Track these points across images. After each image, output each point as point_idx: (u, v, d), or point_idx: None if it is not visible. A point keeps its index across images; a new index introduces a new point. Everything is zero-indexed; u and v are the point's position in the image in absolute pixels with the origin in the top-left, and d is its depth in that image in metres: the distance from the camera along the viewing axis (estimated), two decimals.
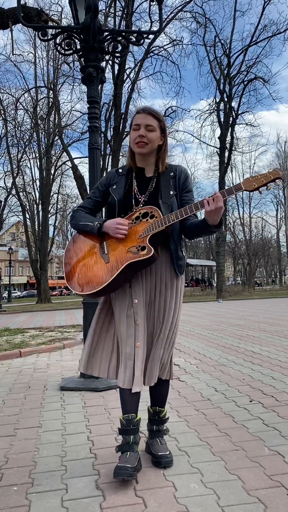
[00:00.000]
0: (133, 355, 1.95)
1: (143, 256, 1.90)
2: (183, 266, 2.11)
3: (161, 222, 1.93)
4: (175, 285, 2.10)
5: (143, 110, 2.06)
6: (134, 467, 1.88)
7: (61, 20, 16.40)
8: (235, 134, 23.35)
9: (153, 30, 13.09)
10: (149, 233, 1.94)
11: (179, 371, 4.17)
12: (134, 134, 2.03)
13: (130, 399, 1.98)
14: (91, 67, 3.92)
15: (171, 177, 2.10)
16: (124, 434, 1.99)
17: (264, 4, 20.64)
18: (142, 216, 2.01)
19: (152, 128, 2.03)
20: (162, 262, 2.04)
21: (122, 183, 2.12)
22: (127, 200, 2.08)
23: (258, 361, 4.51)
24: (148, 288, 2.05)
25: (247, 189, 1.84)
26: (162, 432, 2.19)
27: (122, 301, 2.03)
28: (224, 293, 22.57)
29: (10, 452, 2.33)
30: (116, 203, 2.08)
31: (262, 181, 1.82)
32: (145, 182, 2.11)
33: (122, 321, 2.01)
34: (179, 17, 19.42)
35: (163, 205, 2.01)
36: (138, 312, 1.99)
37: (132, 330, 1.98)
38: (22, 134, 26.08)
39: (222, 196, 1.84)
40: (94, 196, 2.20)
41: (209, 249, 53.41)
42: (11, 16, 6.60)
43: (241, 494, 1.75)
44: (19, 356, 5.53)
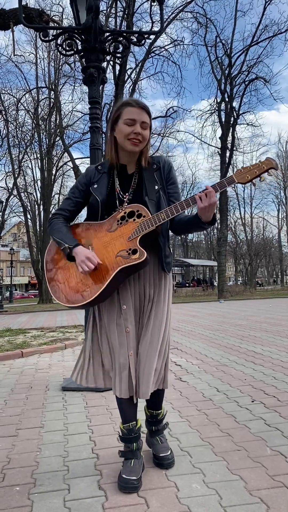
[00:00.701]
0: (127, 364, 1.88)
1: (135, 261, 1.76)
2: (171, 263, 1.99)
3: (150, 222, 1.79)
4: (163, 285, 1.99)
5: (136, 104, 1.89)
6: (139, 478, 1.86)
7: (62, 20, 16.44)
8: (236, 134, 23.38)
9: (154, 30, 13.10)
10: (139, 234, 1.80)
11: (180, 371, 4.17)
12: (128, 129, 1.86)
13: (128, 408, 1.97)
14: (92, 67, 3.92)
15: (154, 170, 1.96)
16: (127, 442, 1.98)
17: (265, 4, 20.69)
18: (128, 215, 1.85)
19: (146, 125, 1.90)
20: (149, 261, 1.89)
21: (104, 182, 1.96)
22: (110, 200, 1.94)
23: (259, 361, 4.50)
24: (137, 291, 1.94)
25: (240, 182, 1.73)
26: (161, 429, 2.17)
27: (110, 308, 1.93)
28: (225, 293, 22.57)
29: (13, 452, 2.33)
30: (99, 204, 1.92)
31: (255, 172, 1.72)
32: (127, 180, 1.97)
33: (112, 330, 1.92)
34: (180, 17, 19.49)
35: (150, 202, 1.88)
36: (127, 318, 1.90)
37: (124, 338, 1.89)
38: (24, 134, 26.20)
39: (214, 191, 1.74)
40: (73, 196, 2.02)
41: (210, 249, 53.40)
42: (13, 17, 6.62)
43: (243, 495, 1.75)
44: (21, 357, 5.54)
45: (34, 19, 6.65)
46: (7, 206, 27.87)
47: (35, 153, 27.51)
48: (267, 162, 1.72)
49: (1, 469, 2.13)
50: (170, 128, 24.99)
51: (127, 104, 1.90)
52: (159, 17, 4.52)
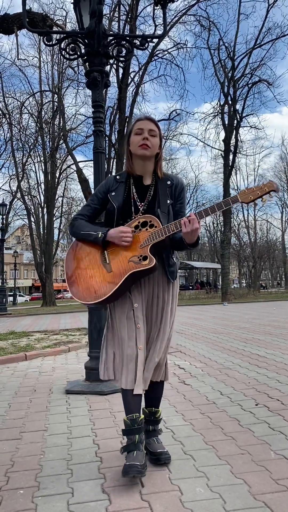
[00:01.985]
0: (135, 357, 1.99)
1: (145, 266, 1.95)
2: (175, 272, 2.15)
3: (161, 232, 1.97)
4: (170, 290, 2.15)
5: (144, 117, 2.13)
6: (142, 465, 1.90)
7: (66, 24, 16.49)
8: (239, 136, 23.37)
9: (157, 34, 13.11)
10: (150, 242, 1.98)
11: (184, 375, 4.17)
12: (137, 138, 2.07)
13: (133, 399, 2.02)
14: (95, 71, 3.94)
15: (168, 186, 2.14)
16: (129, 434, 2.01)
17: (268, 7, 20.70)
18: (141, 225, 2.04)
19: (154, 133, 2.09)
20: (158, 269, 2.07)
21: (121, 190, 2.14)
22: (126, 207, 2.11)
23: (263, 364, 4.49)
24: (146, 293, 2.09)
25: (244, 201, 1.91)
26: (157, 432, 2.23)
27: (123, 305, 2.07)
28: (229, 296, 22.51)
29: (16, 456, 2.33)
30: (115, 210, 2.10)
31: (257, 193, 1.89)
32: (143, 190, 2.14)
33: (122, 324, 2.05)
34: (183, 20, 19.48)
35: (162, 214, 2.06)
36: (138, 315, 2.03)
37: (133, 333, 2.01)
38: (27, 138, 26.26)
39: (197, 219, 1.91)
40: (92, 203, 2.21)
41: (214, 252, 53.35)
42: (16, 21, 6.65)
43: (247, 498, 1.74)
44: (25, 359, 5.55)
45: (38, 24, 6.69)
46: (11, 209, 27.95)
47: (38, 156, 27.57)
48: (269, 185, 1.90)
49: (5, 472, 2.13)
50: (174, 131, 25.04)
51: (136, 120, 2.15)
52: (162, 20, 4.53)
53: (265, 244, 48.82)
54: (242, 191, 1.93)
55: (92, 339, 3.91)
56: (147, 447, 2.18)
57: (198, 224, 1.92)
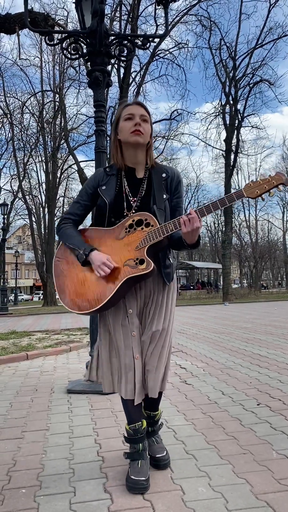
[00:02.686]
0: (133, 366, 1.90)
1: (142, 271, 1.78)
2: (171, 274, 2.01)
3: (158, 232, 1.79)
4: (166, 293, 2.01)
5: (134, 102, 1.95)
6: (147, 479, 1.87)
7: (67, 24, 16.50)
8: (240, 136, 23.36)
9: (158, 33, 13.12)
10: (146, 244, 1.80)
11: (185, 374, 4.17)
12: (128, 124, 1.89)
13: (134, 409, 1.98)
14: (97, 71, 3.93)
15: (163, 179, 1.97)
16: (133, 443, 1.98)
17: (270, 7, 20.66)
18: (136, 224, 1.86)
19: (146, 118, 1.92)
20: (155, 272, 1.90)
21: (113, 184, 1.96)
22: (118, 202, 1.93)
23: (265, 364, 4.49)
24: (142, 297, 1.97)
25: (250, 196, 1.73)
26: (157, 430, 2.18)
27: (117, 311, 1.94)
28: (230, 296, 22.50)
29: (18, 455, 2.33)
30: (107, 206, 1.92)
31: (264, 187, 1.71)
32: (136, 184, 1.97)
33: (117, 331, 1.93)
34: (184, 20, 19.48)
35: (158, 211, 1.88)
36: (133, 322, 1.93)
37: (129, 341, 1.91)
38: (28, 137, 26.30)
39: (197, 217, 1.75)
40: (82, 200, 2.03)
41: (215, 252, 53.32)
42: (18, 21, 6.67)
43: (250, 498, 1.74)
44: (26, 359, 5.55)
45: (40, 23, 6.69)
46: (12, 209, 28.03)
47: (40, 156, 27.64)
48: (277, 177, 1.71)
49: (7, 471, 2.13)
50: (175, 131, 25.02)
51: (124, 106, 1.97)
52: (164, 20, 4.53)
53: (266, 244, 48.78)
54: (247, 185, 1.74)
55: (93, 339, 3.91)
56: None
57: (200, 222, 1.76)
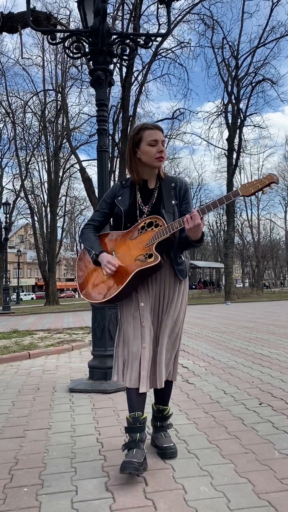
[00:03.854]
0: (139, 355, 2.02)
1: (150, 263, 1.99)
2: (185, 270, 2.19)
3: (165, 230, 2.02)
4: (179, 289, 2.19)
5: (154, 126, 2.16)
6: (140, 463, 1.92)
7: (69, 23, 16.50)
8: (243, 135, 23.33)
9: (161, 32, 13.11)
10: (155, 241, 2.02)
11: (187, 374, 4.16)
12: (153, 150, 2.11)
13: (136, 398, 2.05)
14: (99, 70, 3.93)
15: (172, 188, 2.20)
16: (131, 432, 2.04)
17: (272, 6, 20.67)
18: (147, 225, 2.10)
19: (164, 143, 2.17)
20: (165, 268, 2.12)
21: (127, 195, 2.21)
22: (132, 210, 2.18)
23: (267, 364, 4.48)
24: (154, 293, 2.13)
25: (244, 194, 1.94)
26: (166, 427, 2.29)
27: (129, 304, 2.12)
28: (232, 295, 22.49)
29: (20, 454, 2.34)
30: (122, 214, 2.17)
31: (257, 186, 1.92)
32: (148, 194, 2.21)
33: (128, 322, 2.09)
34: (186, 19, 19.50)
35: (166, 214, 2.11)
36: (144, 315, 2.07)
37: (138, 331, 2.06)
38: (31, 137, 26.33)
39: (198, 215, 1.94)
40: (101, 208, 2.31)
41: (217, 251, 53.29)
42: (20, 20, 6.67)
43: (251, 497, 1.74)
44: (28, 358, 5.56)
45: (42, 22, 6.70)
46: (14, 208, 28.02)
47: (42, 155, 27.63)
48: (269, 177, 1.92)
49: (9, 470, 2.13)
50: (177, 130, 25.02)
51: (145, 128, 2.14)
52: (166, 19, 4.52)
53: (268, 244, 48.70)
54: (243, 185, 1.97)
55: (96, 338, 3.91)
56: (155, 441, 2.25)
57: (202, 220, 1.95)
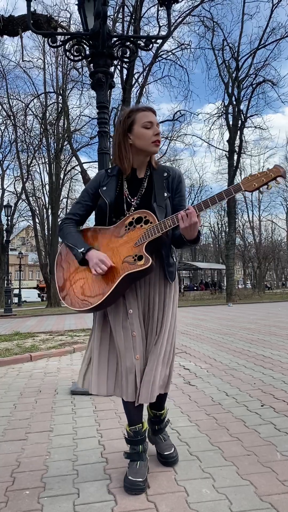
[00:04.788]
0: (134, 368, 1.90)
1: (140, 267, 1.78)
2: (174, 272, 2.01)
3: (156, 228, 1.80)
4: (169, 292, 2.00)
5: (146, 108, 1.94)
6: (144, 480, 1.88)
7: (70, 26, 16.55)
8: (244, 137, 23.33)
9: (161, 35, 13.13)
10: (145, 240, 1.81)
11: (189, 376, 4.16)
12: (149, 132, 1.89)
13: (134, 410, 1.99)
14: (100, 72, 3.94)
15: (164, 178, 1.98)
16: (133, 444, 2.00)
17: (272, 7, 20.64)
18: (135, 221, 1.86)
19: (159, 126, 1.94)
20: (155, 269, 1.91)
21: (113, 185, 1.97)
22: (118, 203, 1.95)
23: (269, 365, 4.48)
24: (142, 297, 1.96)
25: (247, 189, 1.69)
26: (164, 428, 2.20)
27: (117, 312, 1.94)
28: (234, 297, 22.45)
29: (22, 456, 2.34)
30: (107, 207, 1.94)
31: (262, 180, 1.68)
32: (136, 184, 1.98)
33: (118, 333, 1.92)
34: (187, 21, 19.50)
35: (158, 208, 1.88)
36: (133, 323, 1.91)
37: (130, 342, 1.90)
38: (32, 139, 26.34)
39: (195, 212, 1.73)
40: (83, 200, 2.04)
41: (218, 253, 53.24)
42: (21, 23, 6.69)
43: (254, 500, 1.73)
44: (30, 360, 5.56)
45: (42, 25, 6.72)
46: (15, 211, 28.07)
47: (43, 157, 27.64)
48: (275, 170, 1.68)
49: (11, 472, 2.13)
50: (178, 132, 25.03)
51: (137, 110, 1.94)
52: (166, 21, 4.53)
53: (270, 245, 48.62)
54: (245, 178, 1.71)
55: None
56: (154, 444, 2.20)
57: (198, 217, 1.74)
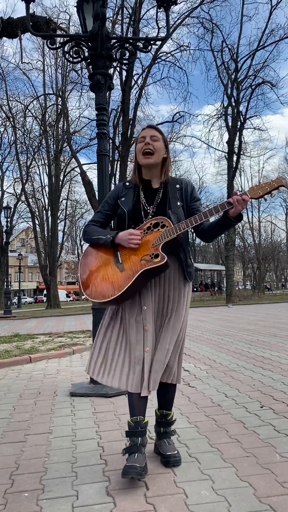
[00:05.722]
0: (142, 360, 2.01)
1: (157, 263, 1.97)
2: (193, 272, 2.20)
3: (172, 230, 2.01)
4: (184, 291, 2.17)
5: (147, 126, 2.19)
6: (142, 467, 1.92)
7: (69, 28, 16.57)
8: (243, 138, 23.34)
9: (160, 36, 13.15)
10: (161, 241, 2.01)
11: (189, 377, 4.16)
12: (140, 145, 2.14)
13: (138, 402, 2.04)
14: (99, 74, 3.95)
15: (177, 189, 2.19)
16: (132, 436, 2.03)
17: (271, 9, 20.64)
18: (153, 226, 2.08)
19: (156, 138, 2.14)
20: (172, 270, 2.12)
21: (130, 195, 2.20)
22: (136, 211, 2.16)
23: (268, 367, 4.47)
24: (157, 295, 2.11)
25: (253, 197, 1.95)
26: (169, 434, 2.26)
27: (132, 307, 2.09)
28: (233, 298, 22.44)
29: (21, 458, 2.33)
30: (125, 215, 2.15)
31: (266, 189, 1.94)
32: (152, 194, 2.19)
33: (131, 326, 2.06)
34: (186, 23, 19.50)
35: (173, 215, 2.09)
36: (147, 318, 2.05)
37: (141, 335, 2.03)
38: (31, 141, 26.39)
39: (248, 197, 1.95)
40: (103, 209, 2.27)
41: (218, 254, 53.26)
42: (20, 25, 6.71)
43: (253, 501, 1.73)
44: (29, 362, 5.55)
45: (42, 27, 6.73)
46: (15, 212, 28.09)
47: (42, 159, 27.68)
48: (278, 180, 1.94)
49: (10, 474, 2.13)
50: (177, 133, 25.04)
51: (141, 130, 2.20)
52: (165, 23, 4.53)
53: (269, 246, 48.61)
54: (252, 188, 1.98)
55: None
56: (158, 449, 2.22)
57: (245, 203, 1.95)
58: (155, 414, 2.29)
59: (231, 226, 2.11)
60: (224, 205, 1.98)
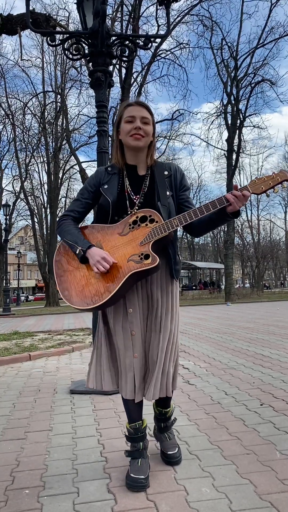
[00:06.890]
0: (132, 366, 1.91)
1: (148, 266, 1.76)
2: (180, 270, 2.02)
3: (163, 227, 1.79)
4: (171, 290, 1.99)
5: (135, 102, 1.94)
6: (146, 477, 1.89)
7: (69, 25, 16.52)
8: (242, 136, 23.34)
9: (160, 34, 13.13)
10: (151, 239, 1.80)
11: (188, 375, 4.16)
12: (128, 126, 1.90)
13: (134, 408, 2.00)
14: (99, 71, 3.93)
15: (165, 176, 1.97)
16: (133, 442, 2.01)
17: (271, 6, 20.66)
18: (140, 220, 1.85)
19: (147, 120, 1.92)
20: (161, 268, 1.89)
21: (115, 183, 1.95)
22: (121, 201, 1.92)
23: (268, 364, 4.48)
24: (144, 295, 1.94)
25: (255, 192, 1.75)
26: (169, 426, 2.20)
27: (117, 311, 1.93)
28: (232, 296, 22.48)
29: (21, 455, 2.33)
30: (109, 205, 1.91)
31: (269, 183, 1.73)
32: (138, 181, 1.97)
33: (118, 333, 1.92)
34: (185, 20, 19.50)
35: (162, 207, 1.86)
36: (133, 321, 1.90)
37: (129, 341, 1.91)
38: (30, 138, 26.34)
39: (249, 193, 1.77)
40: (82, 197, 2.01)
41: (217, 252, 53.27)
42: (20, 22, 6.69)
43: (253, 499, 1.73)
44: (29, 360, 5.55)
45: (41, 24, 6.71)
46: (14, 210, 28.00)
47: (41, 156, 27.63)
48: (282, 174, 1.72)
49: (11, 472, 2.13)
50: (176, 131, 25.03)
51: (127, 105, 1.95)
52: (165, 20, 4.52)
53: (268, 244, 48.70)
54: (253, 181, 1.76)
55: None
56: (158, 441, 2.21)
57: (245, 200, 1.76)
58: (154, 410, 2.23)
59: (226, 222, 1.91)
60: (223, 201, 1.76)
